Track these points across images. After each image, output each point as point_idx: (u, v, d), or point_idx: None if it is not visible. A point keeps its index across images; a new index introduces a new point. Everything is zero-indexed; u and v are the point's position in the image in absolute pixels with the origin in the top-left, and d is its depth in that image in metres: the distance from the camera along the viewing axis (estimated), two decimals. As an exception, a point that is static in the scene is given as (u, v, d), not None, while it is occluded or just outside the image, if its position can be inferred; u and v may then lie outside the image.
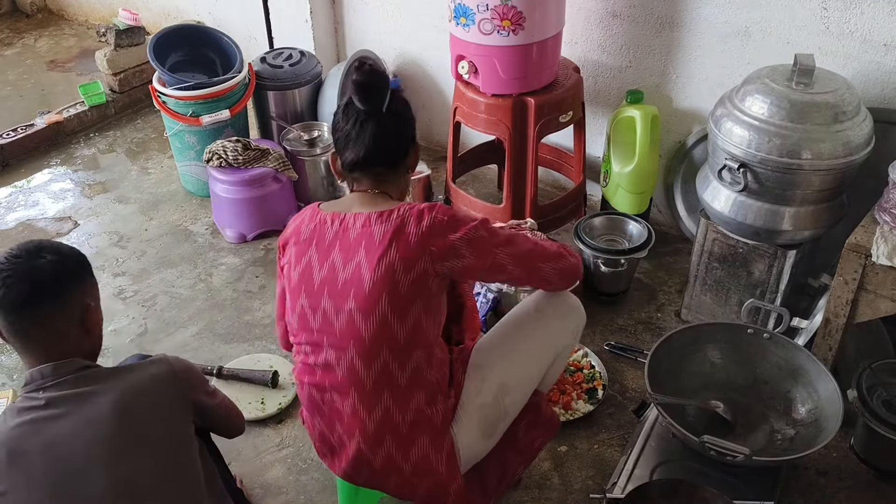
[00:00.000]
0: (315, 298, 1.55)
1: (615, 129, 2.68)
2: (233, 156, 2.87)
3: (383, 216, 1.50)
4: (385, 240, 1.48)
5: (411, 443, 1.56)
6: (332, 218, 1.56)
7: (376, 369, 1.51)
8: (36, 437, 1.28)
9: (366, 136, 1.56)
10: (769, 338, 2.03)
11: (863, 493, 1.98)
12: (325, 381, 1.58)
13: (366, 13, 3.34)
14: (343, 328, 1.51)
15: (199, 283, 2.79)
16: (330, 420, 1.62)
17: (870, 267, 1.89)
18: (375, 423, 1.55)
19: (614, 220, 2.67)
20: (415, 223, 1.48)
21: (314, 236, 1.57)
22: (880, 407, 1.91)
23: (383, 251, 1.47)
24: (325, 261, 1.54)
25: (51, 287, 1.32)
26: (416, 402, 1.54)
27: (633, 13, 2.63)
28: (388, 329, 1.49)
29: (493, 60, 2.44)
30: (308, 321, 1.57)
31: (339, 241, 1.53)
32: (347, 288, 1.50)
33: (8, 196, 3.32)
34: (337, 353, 1.54)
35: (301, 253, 1.59)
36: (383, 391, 1.53)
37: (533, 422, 1.75)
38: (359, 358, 1.51)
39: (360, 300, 1.49)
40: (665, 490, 1.70)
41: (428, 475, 1.58)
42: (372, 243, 1.49)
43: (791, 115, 1.98)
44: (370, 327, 1.49)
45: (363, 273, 1.49)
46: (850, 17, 2.24)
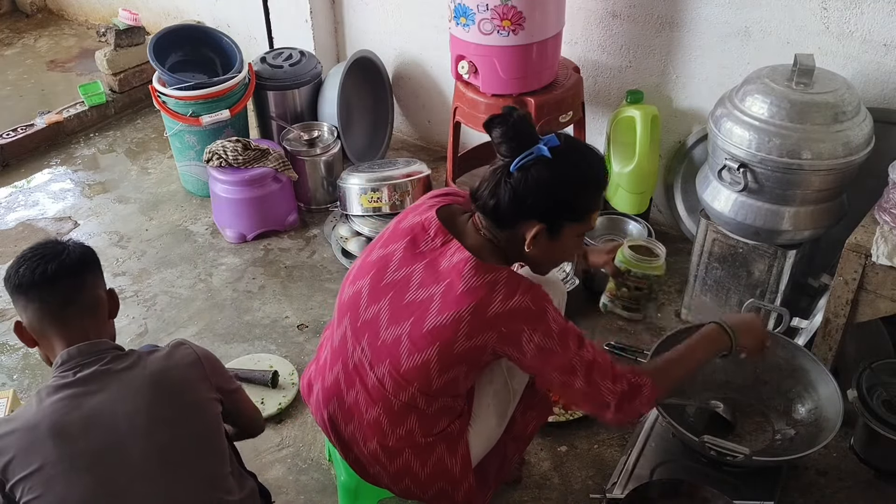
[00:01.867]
0: (377, 294, 1.51)
1: (615, 129, 2.68)
2: (233, 156, 2.87)
3: (480, 270, 1.41)
4: (467, 296, 1.40)
5: (429, 453, 1.57)
6: (438, 232, 1.48)
7: (405, 396, 1.50)
8: (77, 412, 1.32)
9: (492, 182, 1.44)
10: (769, 338, 2.03)
11: (863, 493, 1.98)
12: (356, 379, 1.56)
13: (366, 13, 3.34)
14: (388, 344, 1.49)
15: (199, 283, 2.79)
16: (348, 413, 1.60)
17: (870, 267, 1.89)
18: (397, 438, 1.55)
19: (614, 220, 2.66)
20: (502, 298, 1.40)
21: (411, 233, 1.51)
22: (880, 407, 1.91)
23: (459, 306, 1.40)
24: (405, 266, 1.49)
25: (77, 267, 1.41)
26: (440, 426, 1.56)
27: (633, 13, 2.63)
28: (425, 374, 1.46)
29: (493, 60, 2.44)
30: (359, 308, 1.54)
31: (430, 259, 1.47)
32: (411, 311, 1.46)
33: (8, 196, 3.32)
34: (374, 358, 1.52)
35: (391, 240, 1.53)
36: (410, 414, 1.53)
37: (529, 404, 1.77)
38: (390, 378, 1.50)
39: (415, 334, 1.44)
40: (665, 490, 1.71)
41: (442, 478, 1.60)
42: (455, 290, 1.41)
43: (791, 115, 1.98)
44: (410, 363, 1.46)
45: (430, 311, 1.43)
46: (850, 17, 2.24)
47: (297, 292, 2.72)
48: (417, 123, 3.49)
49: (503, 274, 1.42)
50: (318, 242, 2.98)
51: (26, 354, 2.50)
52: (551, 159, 1.39)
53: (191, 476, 1.37)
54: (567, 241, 1.49)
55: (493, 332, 1.41)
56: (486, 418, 1.65)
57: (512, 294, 1.40)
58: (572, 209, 1.45)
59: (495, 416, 1.67)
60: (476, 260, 1.43)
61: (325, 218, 3.08)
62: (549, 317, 1.42)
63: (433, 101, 3.34)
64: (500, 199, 1.42)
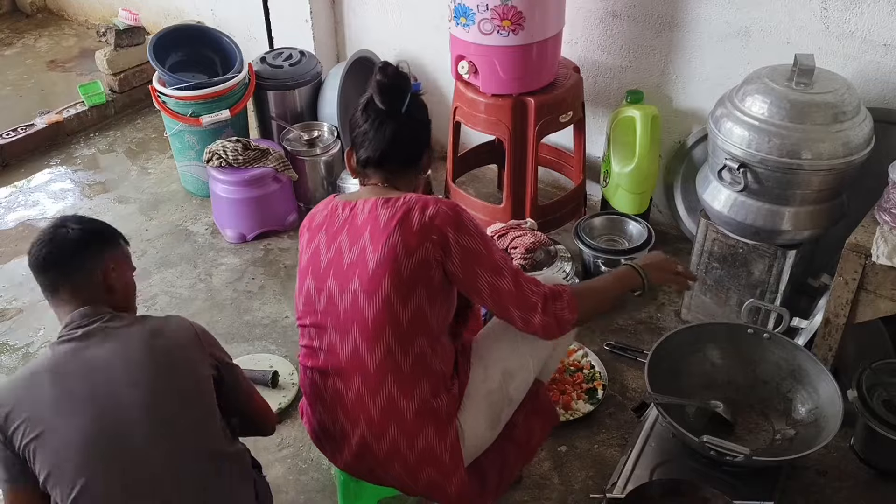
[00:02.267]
0: (321, 280, 1.58)
1: (615, 129, 2.68)
2: (233, 156, 2.87)
3: (390, 202, 1.54)
4: (390, 224, 1.51)
5: (416, 432, 1.57)
6: (344, 206, 1.60)
7: (380, 353, 1.53)
8: (76, 361, 1.43)
9: (383, 135, 1.60)
10: (769, 338, 2.03)
11: (863, 493, 1.98)
12: (329, 365, 1.59)
13: (366, 13, 3.34)
14: (347, 309, 1.54)
15: (199, 283, 2.79)
16: (332, 408, 1.63)
17: (870, 267, 1.89)
18: (380, 409, 1.56)
19: (614, 220, 2.67)
20: (419, 211, 1.52)
21: (325, 222, 1.61)
22: (880, 407, 1.91)
23: (388, 234, 1.50)
24: (332, 243, 1.58)
25: (70, 249, 1.52)
26: (420, 391, 1.55)
27: (633, 13, 2.63)
28: (391, 310, 1.51)
29: (493, 60, 2.44)
30: (313, 303, 1.60)
31: (348, 225, 1.57)
32: (353, 269, 1.53)
33: (8, 196, 3.32)
34: (341, 335, 1.56)
35: (311, 238, 1.63)
36: (387, 375, 1.54)
37: (532, 410, 1.76)
38: (363, 340, 1.53)
39: (364, 281, 1.52)
40: (665, 490, 1.70)
41: (431, 464, 1.59)
42: (377, 226, 1.52)
43: (791, 115, 1.98)
44: (373, 308, 1.51)
45: (367, 255, 1.52)
46: (850, 17, 2.24)
47: (297, 292, 2.72)
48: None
49: (409, 195, 1.56)
50: (318, 242, 2.98)
51: (26, 355, 2.51)
52: (418, 94, 1.65)
53: (185, 423, 1.46)
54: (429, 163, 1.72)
55: (426, 241, 1.50)
56: (477, 416, 1.64)
57: (426, 205, 1.53)
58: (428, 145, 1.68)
59: (487, 416, 1.66)
60: (382, 197, 1.56)
61: (325, 218, 3.08)
62: (466, 218, 1.54)
63: (433, 102, 3.32)
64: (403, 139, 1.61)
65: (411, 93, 1.62)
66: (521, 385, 1.71)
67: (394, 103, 1.60)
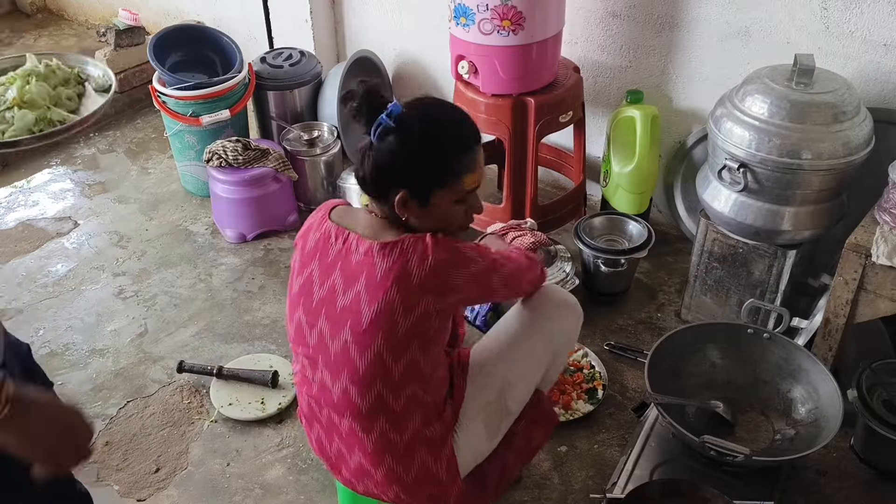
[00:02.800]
0: (313, 316, 1.53)
1: (615, 129, 2.68)
2: (233, 156, 2.87)
3: (386, 249, 1.43)
4: (387, 279, 1.41)
5: (411, 458, 1.55)
6: (337, 234, 1.51)
7: (370, 398, 1.49)
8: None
9: (359, 157, 1.52)
10: (769, 338, 2.03)
11: (863, 493, 1.98)
12: (322, 399, 1.57)
13: (366, 13, 3.34)
14: (338, 354, 1.49)
15: (199, 283, 2.79)
16: (329, 431, 1.62)
17: (870, 267, 1.89)
18: (373, 443, 1.54)
19: (614, 220, 2.66)
20: (418, 263, 1.41)
21: (318, 250, 1.53)
22: (880, 407, 1.91)
23: (385, 291, 1.41)
24: (325, 280, 1.50)
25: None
26: (412, 425, 1.53)
27: (633, 13, 2.63)
28: (382, 366, 1.46)
29: (493, 60, 2.44)
30: (305, 336, 1.56)
31: (342, 262, 1.49)
32: (345, 316, 1.46)
33: (8, 196, 3.32)
34: (332, 375, 1.52)
35: (304, 264, 1.55)
36: (378, 416, 1.50)
37: (533, 419, 1.75)
38: (353, 385, 1.49)
39: (356, 334, 1.45)
40: (665, 490, 1.71)
41: (429, 483, 1.58)
42: (373, 278, 1.43)
43: (791, 115, 1.98)
44: (364, 361, 1.46)
45: (362, 307, 1.44)
46: (850, 17, 2.24)
47: (297, 292, 2.72)
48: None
49: (406, 240, 1.43)
50: (318, 242, 2.98)
51: (26, 354, 2.51)
52: (395, 127, 1.43)
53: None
54: (443, 208, 1.49)
55: (428, 295, 1.42)
56: (474, 430, 1.63)
57: (424, 255, 1.42)
58: (430, 174, 1.45)
59: (485, 429, 1.64)
60: (378, 242, 1.44)
61: (325, 218, 3.08)
62: (462, 250, 1.46)
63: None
64: (365, 171, 1.48)
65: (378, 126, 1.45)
66: (519, 396, 1.69)
67: (366, 127, 1.47)
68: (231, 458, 2.14)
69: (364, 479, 1.61)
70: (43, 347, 2.52)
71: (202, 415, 2.28)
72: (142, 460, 2.15)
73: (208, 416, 2.27)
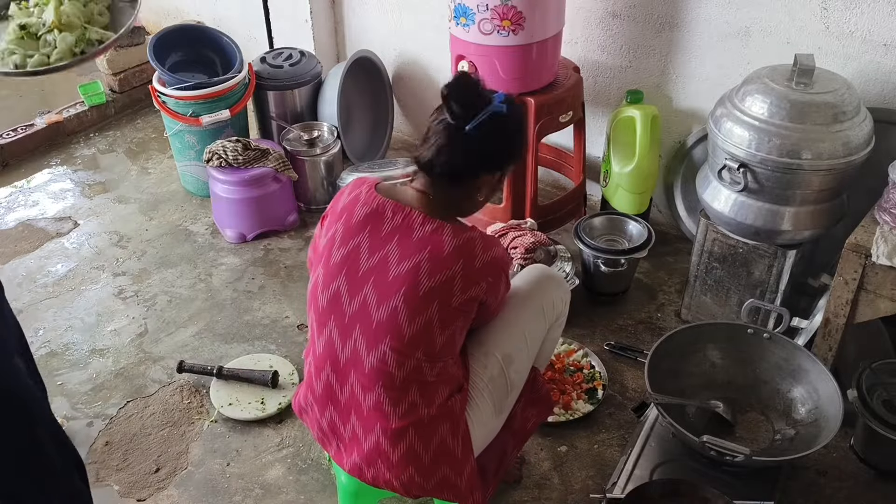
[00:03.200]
0: (356, 285, 1.55)
1: (615, 129, 2.68)
2: (233, 156, 2.87)
3: (457, 231, 1.52)
4: (455, 255, 1.50)
5: (433, 432, 1.58)
6: (395, 209, 1.55)
7: (408, 367, 1.53)
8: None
9: (437, 143, 1.53)
10: (769, 338, 2.03)
11: (863, 493, 1.98)
12: (350, 371, 1.58)
13: (366, 13, 3.34)
14: (382, 322, 1.52)
15: (199, 283, 2.79)
16: (346, 411, 1.62)
17: (870, 267, 1.89)
18: (399, 417, 1.56)
19: (614, 220, 2.66)
20: (483, 251, 1.53)
21: (368, 222, 1.56)
22: (880, 407, 1.91)
23: (450, 266, 1.50)
24: (377, 251, 1.54)
25: None
26: (439, 398, 1.58)
27: (633, 13, 2.63)
28: (429, 334, 1.51)
29: (493, 60, 2.44)
30: (341, 305, 1.56)
31: (400, 235, 1.53)
32: (398, 284, 1.50)
33: (8, 196, 3.32)
34: (370, 343, 1.54)
35: (351, 234, 1.57)
36: (412, 386, 1.55)
37: (530, 399, 1.78)
38: (393, 352, 1.52)
39: (411, 300, 1.49)
40: (665, 490, 1.71)
41: (445, 462, 1.60)
42: (440, 252, 1.50)
43: (791, 115, 1.98)
44: (413, 328, 1.50)
45: (420, 277, 1.49)
46: (850, 17, 2.24)
47: (297, 292, 2.72)
48: (417, 123, 3.49)
49: (476, 231, 1.56)
50: (318, 242, 2.98)
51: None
52: (505, 114, 1.54)
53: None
54: (498, 188, 1.68)
55: (483, 281, 1.53)
56: (483, 406, 1.67)
57: (489, 246, 1.55)
58: (516, 158, 1.64)
59: (491, 403, 1.68)
60: (450, 225, 1.54)
61: (325, 218, 3.08)
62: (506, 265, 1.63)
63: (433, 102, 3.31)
64: (457, 157, 1.53)
65: (486, 117, 1.50)
66: (520, 368, 1.73)
67: (459, 118, 1.51)
68: (231, 458, 2.14)
69: (377, 462, 1.61)
70: (43, 347, 2.52)
71: (202, 415, 2.28)
72: (142, 460, 2.15)
73: (208, 416, 2.27)
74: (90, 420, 2.27)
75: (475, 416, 1.65)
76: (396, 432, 1.57)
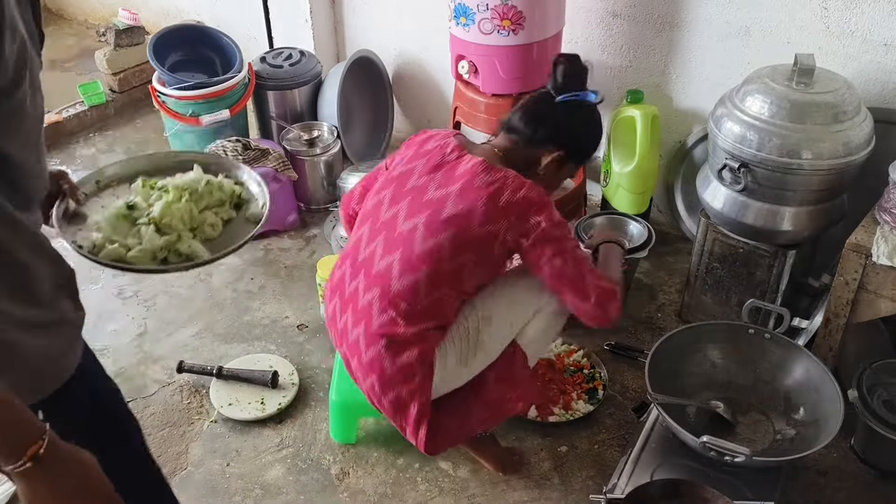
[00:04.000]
0: (398, 198, 1.72)
1: (615, 129, 2.68)
2: (232, 156, 2.86)
3: (492, 170, 1.65)
4: (482, 190, 1.63)
5: (402, 350, 1.68)
6: (455, 149, 1.72)
7: (405, 283, 1.65)
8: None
9: (526, 104, 1.78)
10: (769, 338, 2.03)
11: (863, 493, 1.98)
12: (361, 270, 1.73)
13: (366, 13, 3.34)
14: (403, 234, 1.67)
15: (198, 283, 2.79)
16: (345, 304, 1.76)
17: (870, 267, 1.89)
18: (379, 325, 1.68)
19: (614, 220, 2.66)
20: (512, 190, 1.63)
21: (429, 154, 1.74)
22: (880, 407, 1.91)
23: (475, 199, 1.63)
24: (425, 175, 1.71)
25: None
26: (421, 324, 1.67)
27: (633, 13, 2.63)
28: (436, 258, 1.64)
29: (494, 60, 2.44)
30: (380, 212, 1.74)
31: (447, 168, 1.70)
32: (428, 206, 1.66)
33: (8, 196, 3.31)
34: (386, 249, 1.69)
35: (413, 159, 1.75)
36: (401, 303, 1.66)
37: (504, 376, 1.80)
38: (399, 264, 1.66)
39: (431, 221, 1.64)
40: (665, 490, 1.70)
41: (404, 383, 1.69)
42: (470, 185, 1.64)
43: (791, 115, 1.98)
44: (423, 247, 1.64)
45: (447, 203, 1.64)
46: (851, 17, 2.23)
47: (297, 292, 2.72)
48: (417, 123, 3.49)
49: (511, 173, 1.66)
50: (317, 242, 2.98)
51: (26, 354, 2.50)
52: (593, 107, 1.77)
53: None
54: (564, 175, 1.83)
55: (505, 219, 1.62)
56: (450, 350, 1.74)
57: (520, 187, 1.64)
58: (586, 152, 1.80)
59: (457, 351, 1.74)
60: (487, 163, 1.67)
61: (325, 218, 3.08)
62: (552, 208, 1.67)
63: (433, 101, 3.34)
64: (542, 120, 1.74)
65: (577, 98, 1.73)
66: (495, 334, 1.76)
67: (558, 87, 1.74)
68: (231, 458, 2.14)
69: (354, 358, 1.73)
70: (43, 347, 2.52)
71: (202, 415, 2.28)
72: (142, 460, 2.14)
73: (208, 416, 2.27)
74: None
75: (441, 358, 1.72)
76: (372, 336, 1.69)
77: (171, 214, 1.55)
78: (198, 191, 1.60)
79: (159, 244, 1.51)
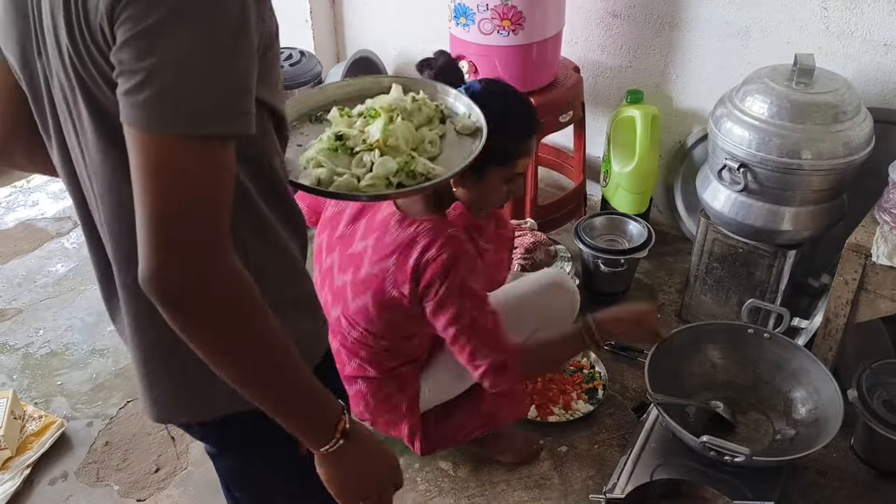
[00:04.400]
0: (332, 248, 1.70)
1: (615, 129, 2.68)
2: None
3: (403, 222, 1.56)
4: (392, 247, 1.56)
5: (381, 387, 1.73)
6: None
7: (355, 335, 1.68)
8: None
9: None
10: (769, 338, 2.03)
11: (863, 493, 1.98)
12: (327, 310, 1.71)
13: (366, 13, 3.34)
14: (340, 288, 1.67)
15: (199, 283, 2.79)
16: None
17: (870, 267, 1.89)
18: (352, 368, 1.73)
19: (614, 220, 2.66)
20: (420, 251, 1.52)
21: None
22: (880, 407, 1.91)
23: (386, 255, 1.56)
24: (350, 223, 1.68)
25: None
26: (389, 364, 1.69)
27: (633, 13, 2.63)
28: (367, 316, 1.63)
29: (494, 60, 2.44)
30: (322, 258, 1.74)
31: (370, 214, 1.64)
32: (352, 261, 1.64)
33: (8, 196, 3.32)
34: (332, 299, 1.70)
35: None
36: (360, 351, 1.69)
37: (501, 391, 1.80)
38: (343, 318, 1.68)
39: (354, 280, 1.63)
40: (665, 490, 1.70)
41: (388, 411, 1.75)
42: (382, 241, 1.57)
43: (791, 115, 1.98)
44: (355, 307, 1.64)
45: (364, 261, 1.60)
46: (850, 17, 2.23)
47: (297, 292, 2.72)
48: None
49: (424, 227, 1.54)
50: (318, 242, 2.98)
51: (26, 354, 2.50)
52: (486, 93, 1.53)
53: None
54: (492, 184, 1.58)
55: (409, 284, 1.54)
56: (441, 369, 1.75)
57: (427, 248, 1.52)
58: (493, 151, 1.43)
59: (451, 370, 1.74)
60: (400, 213, 1.57)
61: (325, 218, 3.07)
62: (459, 269, 1.52)
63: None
64: None
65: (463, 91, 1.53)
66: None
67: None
68: (231, 458, 2.14)
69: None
70: (43, 347, 2.52)
71: (202, 415, 2.28)
72: (142, 460, 2.14)
73: (208, 416, 2.27)
74: (90, 420, 2.27)
75: (432, 378, 1.74)
76: (347, 379, 1.74)
77: (393, 135, 1.42)
78: (406, 108, 1.47)
79: (393, 168, 1.37)
